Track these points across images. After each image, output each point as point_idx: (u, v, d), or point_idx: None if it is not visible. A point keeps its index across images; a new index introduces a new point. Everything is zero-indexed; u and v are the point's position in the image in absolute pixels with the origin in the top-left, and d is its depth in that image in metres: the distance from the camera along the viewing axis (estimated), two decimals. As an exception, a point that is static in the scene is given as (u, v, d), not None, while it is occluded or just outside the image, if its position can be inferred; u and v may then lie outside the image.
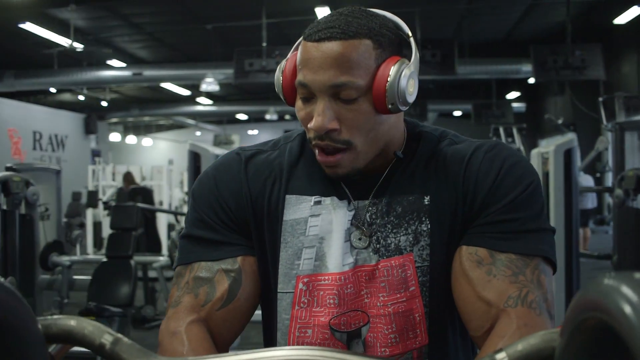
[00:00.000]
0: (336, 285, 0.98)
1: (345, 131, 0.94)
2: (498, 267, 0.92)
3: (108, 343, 0.62)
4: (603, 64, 9.14)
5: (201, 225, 1.03)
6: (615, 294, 0.39)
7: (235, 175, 1.05)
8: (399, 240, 0.99)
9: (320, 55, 0.91)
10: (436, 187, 1.00)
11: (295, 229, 1.01)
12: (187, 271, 1.01)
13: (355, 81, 0.91)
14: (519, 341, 0.58)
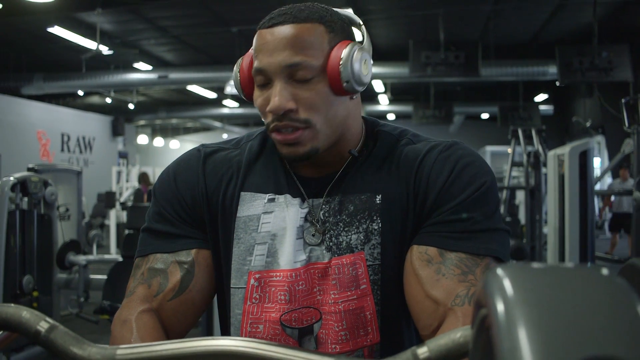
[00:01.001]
0: (287, 281, 0.99)
1: (302, 111, 0.94)
2: (447, 266, 0.91)
3: (43, 330, 0.63)
4: (630, 65, 8.99)
5: (159, 219, 1.05)
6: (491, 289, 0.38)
7: (193, 171, 1.07)
8: (350, 238, 0.98)
9: (274, 38, 0.93)
10: (389, 186, 1.00)
11: (248, 225, 1.02)
12: (144, 262, 1.03)
13: (310, 61, 0.93)
14: (442, 335, 0.57)
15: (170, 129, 25.24)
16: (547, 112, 16.36)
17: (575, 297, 0.35)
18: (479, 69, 9.17)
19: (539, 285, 0.36)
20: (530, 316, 0.34)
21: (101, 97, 17.24)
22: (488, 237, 0.93)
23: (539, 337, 0.32)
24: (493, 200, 0.97)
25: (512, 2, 10.74)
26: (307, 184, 1.02)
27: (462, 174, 0.96)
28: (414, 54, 9.08)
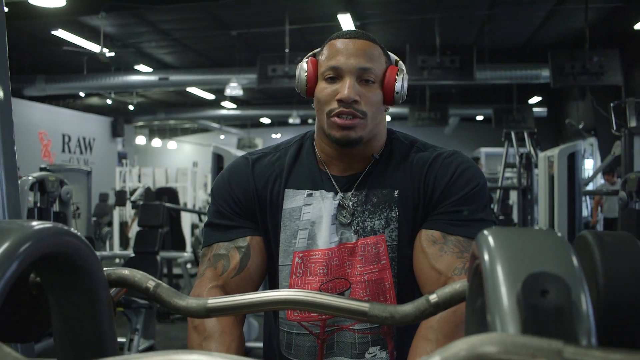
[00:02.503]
0: (325, 258, 1.24)
1: (363, 104, 1.22)
2: (448, 245, 1.17)
3: (152, 287, 0.86)
4: (621, 69, 9.24)
5: (218, 215, 1.30)
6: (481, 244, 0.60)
7: (243, 175, 1.32)
8: (374, 223, 1.24)
9: (353, 46, 1.22)
10: (404, 184, 1.26)
11: (292, 215, 1.28)
12: (209, 251, 1.28)
13: (375, 69, 1.23)
14: (447, 286, 0.79)
15: (168, 129, 25.42)
16: (541, 114, 16.61)
17: (532, 244, 0.57)
18: (474, 73, 9.41)
19: (511, 238, 0.59)
20: (503, 255, 0.56)
21: (101, 99, 17.43)
22: (480, 225, 1.19)
23: (506, 265, 0.55)
24: (484, 198, 1.24)
25: (506, 7, 10.98)
26: (337, 180, 1.27)
27: (461, 176, 1.23)
28: (411, 58, 9.31)
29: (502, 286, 0.53)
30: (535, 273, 0.52)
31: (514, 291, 0.52)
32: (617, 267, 0.69)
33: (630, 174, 4.10)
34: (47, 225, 0.71)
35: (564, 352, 0.46)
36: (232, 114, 19.89)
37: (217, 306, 0.85)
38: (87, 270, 0.79)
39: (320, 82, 1.26)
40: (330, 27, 10.82)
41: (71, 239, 0.74)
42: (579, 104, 15.10)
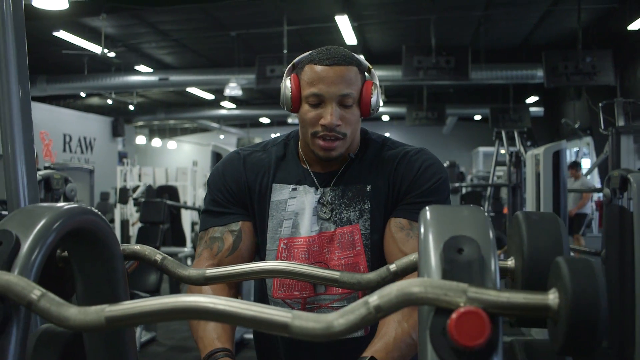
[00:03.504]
0: (306, 245, 1.42)
1: (344, 126, 1.37)
2: (414, 231, 1.35)
3: (159, 259, 1.02)
4: (614, 69, 9.40)
5: (214, 203, 1.47)
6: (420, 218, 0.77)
7: (236, 168, 1.49)
8: (349, 215, 1.41)
9: (333, 74, 1.34)
10: (375, 179, 1.43)
11: (278, 206, 1.45)
12: (206, 234, 1.45)
13: (353, 93, 1.36)
14: (405, 257, 0.96)
15: (168, 129, 25.58)
16: (537, 113, 16.77)
17: (458, 216, 0.74)
18: (469, 73, 9.57)
19: (442, 212, 0.75)
20: (434, 224, 0.73)
21: (101, 99, 17.59)
22: None
23: (434, 231, 0.71)
24: (446, 190, 1.42)
25: (501, 8, 11.13)
26: (318, 177, 1.43)
27: (426, 171, 1.41)
28: (407, 58, 9.48)
29: (430, 246, 0.70)
30: (455, 236, 0.69)
31: (438, 249, 0.69)
32: (537, 238, 0.85)
33: (613, 172, 4.26)
34: (74, 205, 0.87)
35: (468, 291, 0.62)
36: (231, 114, 20.03)
37: (214, 275, 1.02)
38: (106, 244, 0.96)
39: (303, 104, 1.38)
40: (328, 28, 10.98)
41: (94, 217, 0.90)
42: (575, 103, 15.24)
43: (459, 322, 0.57)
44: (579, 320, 0.60)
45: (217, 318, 0.67)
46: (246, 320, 0.66)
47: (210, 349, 1.22)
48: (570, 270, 0.62)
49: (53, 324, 0.71)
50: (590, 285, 0.60)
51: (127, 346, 1.03)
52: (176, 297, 0.68)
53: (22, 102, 1.64)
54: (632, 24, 10.50)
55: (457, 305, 0.61)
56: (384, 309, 0.63)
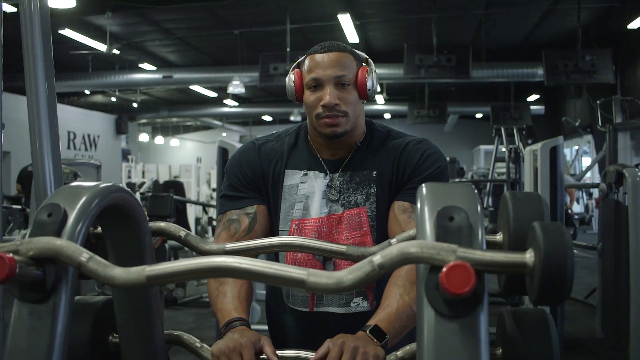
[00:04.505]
0: (316, 225, 1.54)
1: (343, 105, 1.49)
2: (415, 213, 1.42)
3: (183, 235, 1.13)
4: (614, 68, 9.49)
5: (231, 188, 1.60)
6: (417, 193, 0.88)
7: (252, 156, 1.61)
8: (357, 198, 1.53)
9: (328, 59, 1.49)
10: (381, 165, 1.55)
11: (291, 190, 1.58)
12: (224, 217, 1.58)
13: (348, 75, 1.49)
14: (405, 232, 1.07)
15: (171, 127, 25.70)
16: (538, 111, 16.85)
17: (450, 191, 0.85)
18: (469, 71, 9.65)
19: (437, 188, 0.86)
20: (429, 197, 0.84)
21: (105, 96, 17.70)
22: None
23: (429, 202, 0.82)
24: (446, 177, 1.54)
25: (503, 7, 11.23)
26: (327, 163, 1.55)
27: (427, 159, 1.53)
28: (408, 56, 9.57)
29: (425, 215, 0.81)
30: (447, 206, 0.80)
31: (432, 217, 0.80)
32: (522, 213, 0.96)
33: (610, 167, 4.36)
34: (110, 184, 0.98)
35: (457, 251, 0.73)
36: (234, 112, 20.14)
37: (233, 249, 1.13)
38: (137, 220, 1.07)
39: (306, 90, 1.52)
40: (330, 26, 11.08)
41: (127, 195, 1.01)
42: (575, 101, 15.35)
43: (449, 273, 0.68)
44: (550, 274, 0.71)
45: (242, 275, 0.77)
46: (268, 277, 0.77)
47: (229, 318, 1.33)
48: (543, 232, 0.72)
49: (99, 282, 0.82)
50: (560, 244, 0.71)
51: (153, 310, 1.14)
52: (207, 258, 0.79)
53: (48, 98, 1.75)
54: (632, 23, 10.59)
55: (448, 262, 0.71)
56: (386, 266, 0.74)
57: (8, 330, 0.84)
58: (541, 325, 1.00)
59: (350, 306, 1.52)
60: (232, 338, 1.23)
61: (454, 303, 0.73)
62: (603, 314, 4.96)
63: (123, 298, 1.12)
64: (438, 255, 0.73)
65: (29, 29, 1.76)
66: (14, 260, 0.77)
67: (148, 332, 1.15)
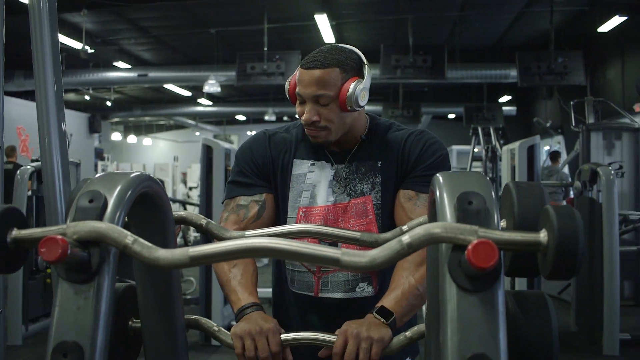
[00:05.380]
0: (322, 213, 1.61)
1: (323, 121, 1.55)
2: (420, 201, 1.54)
3: (204, 223, 1.19)
4: (584, 70, 9.71)
5: (240, 174, 1.65)
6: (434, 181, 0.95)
7: (262, 145, 1.68)
8: (362, 187, 1.61)
9: (308, 77, 1.52)
10: (385, 156, 1.63)
11: (299, 179, 1.64)
12: (232, 202, 1.63)
13: (328, 93, 1.51)
14: (415, 220, 1.14)
15: (144, 126, 25.52)
16: (510, 112, 17.10)
17: (465, 178, 0.92)
18: (445, 72, 9.80)
19: (452, 176, 0.94)
20: (447, 184, 0.91)
21: (78, 94, 17.53)
22: None
23: (448, 189, 0.89)
24: (447, 165, 1.62)
25: (476, 9, 11.41)
26: (333, 155, 1.62)
27: (429, 149, 1.61)
28: (384, 57, 9.68)
29: (445, 200, 0.88)
30: (465, 191, 0.87)
31: (452, 202, 0.87)
32: (525, 201, 1.04)
33: (584, 165, 4.51)
34: (140, 172, 1.04)
35: (478, 231, 0.81)
36: (208, 111, 20.07)
37: (254, 236, 1.19)
38: (162, 208, 1.13)
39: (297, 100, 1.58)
40: (307, 26, 11.14)
41: (155, 183, 1.07)
42: (546, 103, 15.62)
43: (475, 250, 0.75)
44: (563, 251, 0.79)
45: (280, 255, 0.84)
46: (305, 256, 0.83)
47: (245, 302, 1.40)
48: (556, 213, 0.80)
49: (144, 262, 0.88)
50: (572, 224, 0.79)
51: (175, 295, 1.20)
52: (246, 239, 0.85)
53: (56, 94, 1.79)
54: (602, 26, 10.84)
55: (470, 241, 0.79)
56: (414, 245, 0.81)
57: (54, 309, 0.89)
58: (541, 306, 1.07)
59: (356, 291, 1.59)
60: (255, 322, 1.30)
61: (475, 278, 0.80)
62: (577, 308, 5.11)
63: (146, 282, 1.18)
64: (461, 234, 0.80)
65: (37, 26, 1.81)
66: (66, 242, 0.83)
67: (170, 315, 1.21)
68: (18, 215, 0.94)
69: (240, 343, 1.29)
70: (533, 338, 1.06)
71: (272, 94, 18.74)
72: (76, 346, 0.85)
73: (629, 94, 11.40)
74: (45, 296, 4.96)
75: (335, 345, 1.27)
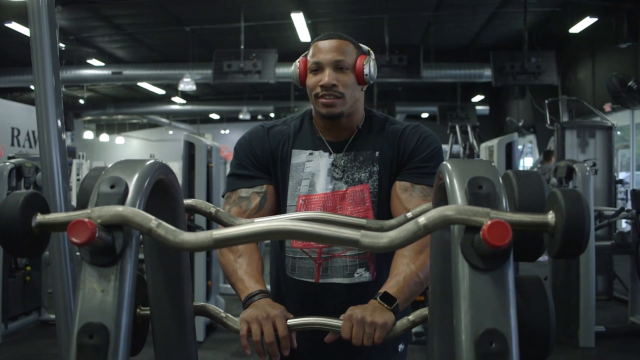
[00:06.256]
0: (322, 201, 1.65)
1: (340, 87, 1.61)
2: (416, 192, 1.59)
3: (213, 211, 1.22)
4: (556, 70, 9.89)
5: (240, 167, 1.69)
6: (443, 168, 1.00)
7: (261, 137, 1.72)
8: (360, 176, 1.65)
9: (329, 44, 1.62)
10: (382, 146, 1.68)
11: (297, 168, 1.68)
12: (233, 194, 1.66)
13: (347, 60, 1.61)
14: (419, 207, 1.19)
15: (116, 125, 25.31)
16: (483, 112, 17.31)
17: (473, 165, 0.97)
18: (420, 71, 9.91)
19: (460, 162, 0.98)
20: (457, 170, 0.95)
21: (50, 92, 17.30)
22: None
23: (458, 175, 0.94)
24: (441, 157, 1.67)
25: (450, 9, 11.54)
26: (331, 144, 1.66)
27: (424, 141, 1.66)
28: (361, 56, 9.74)
29: (455, 185, 0.93)
30: (475, 176, 0.92)
31: (463, 187, 0.92)
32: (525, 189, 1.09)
33: (560, 162, 4.61)
34: (156, 161, 1.06)
35: (490, 213, 0.85)
36: (181, 110, 19.99)
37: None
38: (174, 196, 1.15)
39: (308, 74, 1.65)
40: (283, 25, 11.17)
41: (169, 171, 1.10)
42: (519, 102, 15.85)
43: (490, 229, 0.80)
44: (571, 230, 0.84)
45: (301, 237, 0.88)
46: (325, 237, 0.87)
47: (252, 290, 1.43)
48: (564, 196, 0.85)
49: (169, 246, 0.91)
50: (579, 206, 0.84)
51: (185, 281, 1.23)
52: (268, 222, 0.89)
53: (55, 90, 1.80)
54: (573, 27, 11.05)
55: (483, 223, 0.83)
56: (429, 227, 0.86)
57: (78, 291, 0.92)
58: (538, 289, 1.13)
59: (354, 277, 1.64)
60: (263, 308, 1.34)
61: (487, 258, 0.85)
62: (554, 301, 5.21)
63: (157, 269, 1.20)
64: (474, 216, 0.85)
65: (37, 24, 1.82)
66: (94, 225, 0.85)
67: (179, 302, 1.24)
68: (41, 201, 0.96)
69: (246, 326, 1.33)
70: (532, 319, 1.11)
71: (246, 92, 18.73)
72: (102, 327, 0.88)
73: (599, 93, 11.62)
74: (25, 294, 4.92)
75: (342, 331, 1.31)
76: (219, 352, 4.75)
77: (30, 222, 0.93)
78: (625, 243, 4.89)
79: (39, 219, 0.93)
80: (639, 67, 10.04)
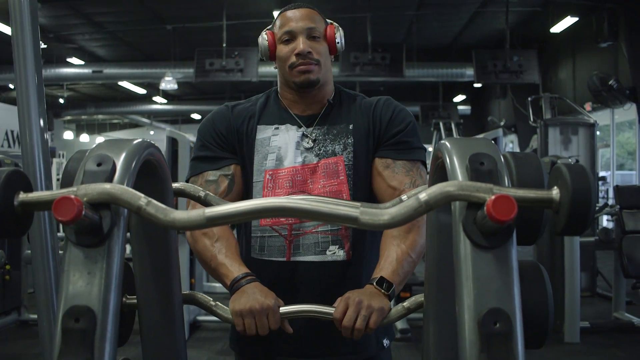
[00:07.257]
0: (290, 174, 1.60)
1: (315, 54, 1.59)
2: (398, 167, 1.57)
3: (202, 195, 1.18)
4: (538, 68, 9.95)
5: (204, 148, 1.63)
6: (442, 146, 0.97)
7: (225, 116, 1.67)
8: (334, 147, 1.62)
9: (300, 13, 1.60)
10: (356, 120, 1.65)
11: (263, 143, 1.63)
12: (199, 178, 1.60)
13: (318, 27, 1.61)
14: (415, 190, 1.16)
15: (97, 125, 25.08)
16: (465, 112, 17.40)
17: (473, 142, 0.94)
18: (403, 70, 9.91)
19: (459, 140, 0.96)
20: (456, 147, 0.93)
21: (29, 92, 17.10)
22: (418, 151, 1.61)
23: (458, 151, 0.91)
24: (417, 131, 1.65)
25: (432, 8, 11.56)
26: (300, 118, 1.65)
27: (399, 115, 1.64)
28: (344, 54, 9.73)
29: (456, 162, 0.90)
30: (476, 153, 0.89)
31: (464, 163, 0.89)
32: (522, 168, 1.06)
33: (545, 158, 4.62)
34: (144, 140, 1.02)
35: (493, 188, 0.82)
36: (163, 109, 19.85)
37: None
38: (162, 178, 1.12)
39: (279, 45, 1.62)
40: (266, 23, 11.01)
41: (158, 152, 1.06)
42: (500, 102, 15.94)
43: (495, 203, 0.77)
44: (577, 206, 0.81)
45: (297, 214, 0.84)
46: (323, 215, 0.84)
47: (238, 273, 1.39)
48: (569, 171, 0.83)
49: (160, 225, 0.87)
50: (585, 181, 0.82)
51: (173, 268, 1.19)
52: (265, 199, 0.85)
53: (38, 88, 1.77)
54: (554, 27, 11.13)
55: (486, 198, 0.81)
56: (431, 203, 0.83)
57: (62, 274, 0.88)
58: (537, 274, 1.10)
59: (326, 254, 1.57)
60: (255, 298, 1.30)
61: (490, 235, 0.82)
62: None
63: (144, 254, 1.17)
64: (477, 192, 0.82)
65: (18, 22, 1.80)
66: (81, 202, 0.81)
67: (167, 289, 1.20)
68: (24, 179, 0.92)
69: (241, 321, 1.30)
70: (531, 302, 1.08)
71: (228, 92, 18.64)
72: (88, 311, 0.84)
73: (580, 92, 11.71)
74: (5, 293, 4.83)
75: (335, 311, 1.28)
76: (203, 351, 4.70)
77: (13, 200, 0.89)
78: (609, 239, 4.91)
79: (22, 197, 0.89)
80: (619, 66, 10.13)
